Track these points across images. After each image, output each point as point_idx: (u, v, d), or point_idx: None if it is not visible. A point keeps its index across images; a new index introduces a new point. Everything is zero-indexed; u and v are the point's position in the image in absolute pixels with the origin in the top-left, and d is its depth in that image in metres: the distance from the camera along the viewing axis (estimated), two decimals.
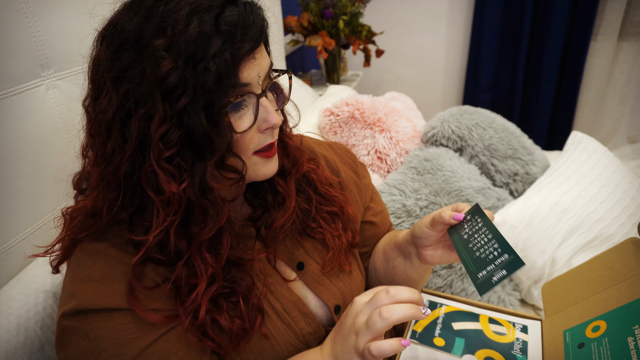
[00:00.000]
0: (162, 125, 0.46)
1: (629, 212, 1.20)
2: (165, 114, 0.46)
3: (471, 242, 0.59)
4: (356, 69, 2.75)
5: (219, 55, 0.46)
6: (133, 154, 0.49)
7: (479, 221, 0.60)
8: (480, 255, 0.57)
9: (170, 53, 0.45)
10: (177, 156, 0.48)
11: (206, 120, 0.47)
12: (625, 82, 2.41)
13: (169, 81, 0.45)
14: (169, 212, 0.49)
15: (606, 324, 0.57)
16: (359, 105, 1.38)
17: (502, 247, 0.55)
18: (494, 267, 0.54)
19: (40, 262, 0.74)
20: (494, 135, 1.38)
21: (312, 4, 2.04)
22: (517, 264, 0.52)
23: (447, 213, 0.63)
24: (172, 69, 0.45)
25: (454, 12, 2.52)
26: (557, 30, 2.30)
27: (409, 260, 0.74)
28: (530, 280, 1.14)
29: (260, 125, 0.53)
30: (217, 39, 0.46)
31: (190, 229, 0.52)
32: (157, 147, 0.47)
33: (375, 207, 0.83)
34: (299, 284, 0.67)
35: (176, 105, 0.46)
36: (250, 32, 0.48)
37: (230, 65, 0.47)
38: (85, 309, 0.51)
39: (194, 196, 0.50)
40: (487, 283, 0.54)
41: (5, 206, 0.70)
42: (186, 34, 0.45)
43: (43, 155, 0.75)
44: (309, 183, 0.70)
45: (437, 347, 0.66)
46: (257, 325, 0.58)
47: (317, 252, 0.69)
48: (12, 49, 0.69)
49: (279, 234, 0.64)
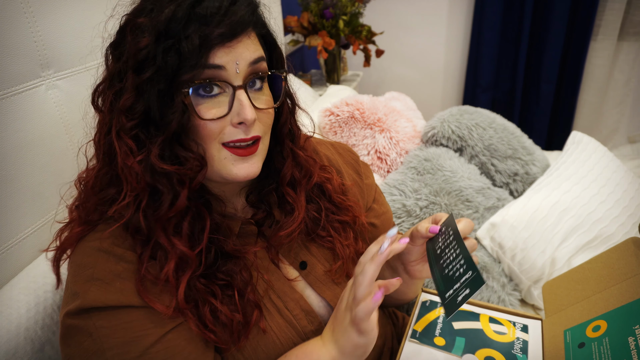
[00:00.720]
0: (126, 95, 0.50)
1: (629, 212, 1.20)
2: (133, 86, 0.50)
3: (442, 257, 0.57)
4: (356, 69, 2.75)
5: (188, 37, 0.49)
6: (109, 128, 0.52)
7: (451, 234, 0.57)
8: (448, 272, 0.54)
9: (148, 31, 0.49)
10: (136, 128, 0.51)
11: (161, 96, 0.50)
12: (625, 82, 2.41)
13: (140, 55, 0.49)
14: (129, 188, 0.51)
15: (607, 323, 0.57)
16: (359, 105, 1.38)
17: (466, 264, 0.52)
18: (459, 285, 0.51)
19: (40, 262, 0.74)
20: (494, 135, 1.38)
21: (312, 4, 2.04)
22: (478, 283, 0.49)
23: (424, 226, 0.61)
24: (147, 45, 0.49)
25: (454, 12, 2.52)
26: (557, 30, 2.30)
27: (397, 275, 0.72)
28: (530, 280, 1.13)
29: (232, 118, 0.53)
30: (189, 22, 0.49)
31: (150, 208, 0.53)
32: (120, 117, 0.50)
33: (378, 208, 0.82)
34: (302, 283, 0.66)
35: (141, 76, 0.49)
36: (227, 19, 0.50)
37: (195, 46, 0.49)
38: (88, 308, 0.51)
39: (148, 175, 0.51)
40: (453, 303, 0.50)
41: (5, 206, 0.70)
42: (162, 14, 0.49)
43: (43, 155, 0.75)
44: (323, 192, 0.69)
45: (438, 346, 0.66)
46: (254, 320, 0.58)
47: (322, 254, 0.68)
48: (12, 49, 0.69)
49: (285, 242, 0.64)
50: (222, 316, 0.55)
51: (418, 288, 0.77)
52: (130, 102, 0.50)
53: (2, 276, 0.71)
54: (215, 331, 0.54)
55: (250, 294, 0.58)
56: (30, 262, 0.75)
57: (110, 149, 0.52)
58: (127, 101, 0.50)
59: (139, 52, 0.49)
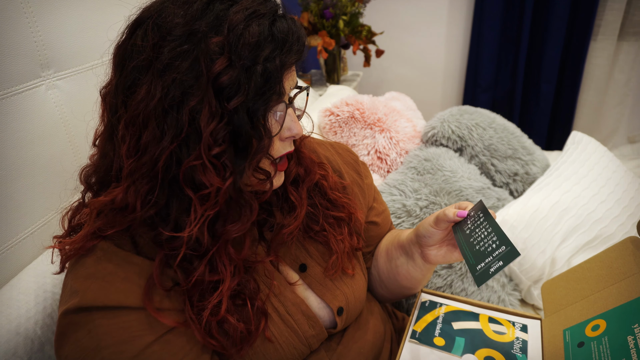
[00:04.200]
0: (212, 121, 0.47)
1: (628, 212, 1.20)
2: (217, 111, 0.47)
3: (472, 236, 0.61)
4: (356, 69, 2.75)
5: (270, 60, 0.48)
6: (175, 147, 0.48)
7: (481, 216, 0.62)
8: (479, 248, 0.59)
9: (225, 52, 0.47)
10: (224, 154, 0.49)
11: (250, 122, 0.49)
12: (625, 82, 2.41)
13: (222, 79, 0.46)
14: (207, 207, 0.50)
15: (606, 323, 0.57)
16: (359, 105, 1.38)
17: (500, 240, 0.57)
18: (491, 258, 0.56)
19: (40, 262, 0.74)
20: (494, 135, 1.38)
21: (312, 4, 2.04)
22: (513, 255, 0.54)
23: (451, 211, 0.65)
24: (227, 67, 0.47)
25: (454, 12, 2.51)
26: (557, 30, 2.30)
27: (412, 260, 0.74)
28: (530, 280, 1.13)
29: (283, 133, 0.55)
30: (270, 45, 0.48)
31: (218, 226, 0.52)
32: (208, 141, 0.47)
33: (378, 206, 0.84)
34: (302, 285, 0.67)
35: (228, 104, 0.47)
36: (297, 44, 0.51)
37: (278, 72, 0.49)
38: (88, 306, 0.51)
39: (234, 193, 0.51)
40: (485, 274, 0.56)
41: (5, 206, 0.70)
42: (244, 36, 0.47)
43: (43, 155, 0.75)
44: (320, 189, 0.70)
45: (437, 346, 0.66)
46: (261, 329, 0.58)
47: (320, 254, 0.69)
48: (12, 49, 0.69)
49: (287, 240, 0.65)
50: (227, 326, 0.55)
51: (430, 275, 0.80)
52: (215, 126, 0.47)
53: (2, 276, 0.71)
54: (219, 339, 0.54)
55: (259, 302, 0.59)
56: (30, 262, 0.75)
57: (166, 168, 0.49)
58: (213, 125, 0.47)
59: (220, 75, 0.46)
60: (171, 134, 0.48)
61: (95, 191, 0.58)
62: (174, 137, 0.48)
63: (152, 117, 0.48)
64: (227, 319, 0.54)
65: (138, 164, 0.49)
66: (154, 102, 0.47)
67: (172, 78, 0.47)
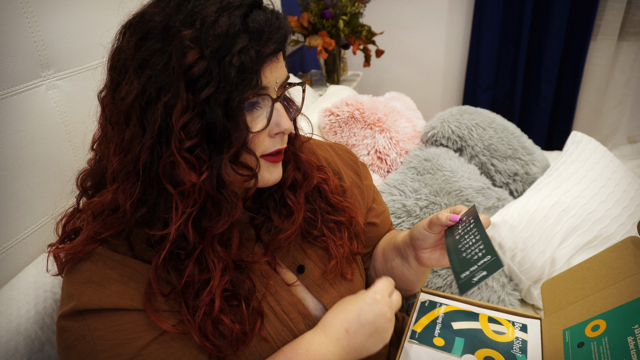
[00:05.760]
0: (184, 115, 0.47)
1: (628, 212, 1.20)
2: (188, 104, 0.47)
3: (461, 242, 0.60)
4: (356, 69, 2.75)
5: (245, 51, 0.47)
6: (153, 143, 0.48)
7: (472, 222, 0.61)
8: (466, 255, 0.58)
9: (197, 44, 0.46)
10: (197, 147, 0.48)
11: (224, 114, 0.48)
12: (625, 82, 2.41)
13: (193, 71, 0.46)
14: (187, 203, 0.49)
15: (606, 323, 0.57)
16: (359, 105, 1.38)
17: (486, 249, 0.56)
18: (476, 267, 0.55)
19: (40, 262, 0.74)
20: (494, 135, 1.38)
21: (312, 4, 2.04)
22: (496, 266, 0.53)
23: (444, 215, 0.64)
24: (198, 59, 0.46)
25: (454, 12, 2.52)
26: (557, 30, 2.30)
27: (407, 262, 0.74)
28: (530, 280, 1.13)
29: (271, 129, 0.54)
30: (244, 36, 0.48)
31: (203, 223, 0.52)
32: (179, 136, 0.47)
33: (378, 207, 0.83)
34: (299, 286, 0.66)
35: (199, 95, 0.47)
36: (276, 34, 0.50)
37: (254, 63, 0.48)
38: (83, 309, 0.51)
39: (211, 189, 0.50)
40: (468, 283, 0.55)
41: (5, 206, 0.70)
42: (215, 28, 0.47)
43: (43, 155, 0.75)
44: (319, 193, 0.70)
45: (437, 346, 0.66)
46: (257, 329, 0.58)
47: (318, 256, 0.68)
48: (12, 49, 0.69)
49: (283, 245, 0.64)
50: (223, 327, 0.55)
51: (425, 278, 0.79)
52: (187, 119, 0.47)
53: (2, 276, 0.71)
54: (214, 342, 0.54)
55: (254, 302, 0.58)
56: (30, 262, 0.75)
57: (149, 166, 0.49)
58: (184, 118, 0.47)
59: (191, 67, 0.46)
60: (150, 131, 0.48)
61: (90, 195, 0.58)
62: (152, 134, 0.48)
63: (133, 114, 0.48)
64: (222, 320, 0.54)
65: (123, 162, 0.50)
66: (131, 99, 0.48)
67: (148, 75, 0.48)
